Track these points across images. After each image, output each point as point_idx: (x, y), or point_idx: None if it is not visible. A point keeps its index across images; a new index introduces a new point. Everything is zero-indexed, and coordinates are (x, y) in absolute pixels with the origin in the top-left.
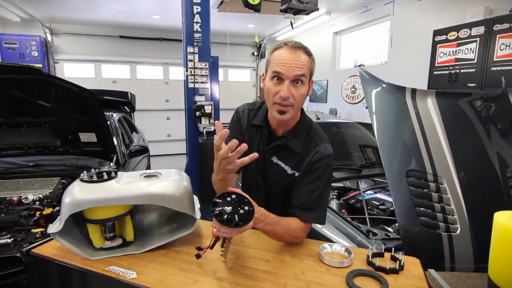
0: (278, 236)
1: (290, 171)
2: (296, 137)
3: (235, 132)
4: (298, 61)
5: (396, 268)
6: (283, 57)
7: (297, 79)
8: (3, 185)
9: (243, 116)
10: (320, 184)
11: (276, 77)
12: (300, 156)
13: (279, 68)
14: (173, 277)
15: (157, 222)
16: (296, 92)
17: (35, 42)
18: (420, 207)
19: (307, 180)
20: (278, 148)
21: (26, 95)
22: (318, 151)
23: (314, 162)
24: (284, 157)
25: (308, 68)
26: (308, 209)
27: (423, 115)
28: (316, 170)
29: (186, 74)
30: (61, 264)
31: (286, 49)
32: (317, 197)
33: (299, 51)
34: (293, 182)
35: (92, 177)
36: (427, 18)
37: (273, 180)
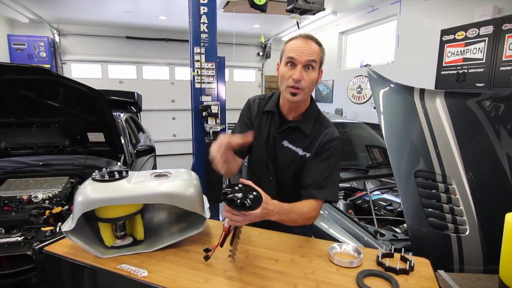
0: (293, 222)
1: (301, 153)
2: (307, 120)
3: (245, 119)
4: (310, 48)
5: (406, 269)
6: (296, 45)
7: (309, 64)
8: (13, 184)
9: (253, 105)
10: (331, 163)
11: (290, 63)
12: (310, 138)
13: (293, 54)
14: (183, 275)
15: (167, 221)
16: (307, 76)
17: (43, 43)
18: (428, 207)
19: (319, 159)
20: (290, 131)
21: (36, 95)
22: (328, 133)
23: (325, 143)
24: (295, 140)
25: (318, 56)
26: (321, 187)
27: (431, 115)
28: (327, 150)
29: (192, 74)
30: (73, 262)
31: (299, 38)
32: (329, 175)
33: (310, 41)
34: (305, 164)
35: (104, 177)
36: (434, 17)
37: (285, 163)
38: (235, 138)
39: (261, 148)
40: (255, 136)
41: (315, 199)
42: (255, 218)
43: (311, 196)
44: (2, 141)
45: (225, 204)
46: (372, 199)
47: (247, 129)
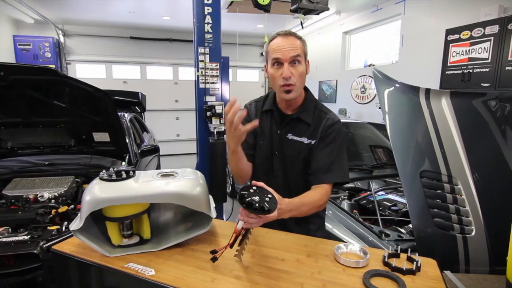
0: (305, 213)
1: (307, 141)
2: (306, 110)
3: (244, 124)
4: (291, 44)
5: (413, 269)
6: (278, 45)
7: (294, 60)
8: (19, 184)
9: (250, 108)
10: (336, 146)
11: (276, 63)
12: (313, 126)
13: (277, 54)
14: (191, 274)
15: (173, 220)
16: (295, 71)
17: (48, 43)
18: (434, 208)
19: (324, 144)
20: (292, 124)
21: (42, 95)
22: (329, 118)
23: (328, 128)
24: (299, 131)
25: (301, 49)
26: (330, 170)
27: (437, 115)
28: (330, 134)
29: (197, 74)
30: (81, 260)
31: (279, 38)
32: (336, 158)
33: (291, 37)
34: (311, 151)
35: (111, 176)
36: (439, 17)
37: (293, 155)
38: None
39: (265, 147)
40: (258, 136)
41: (324, 184)
42: (271, 219)
43: (321, 180)
44: (9, 141)
45: (243, 207)
46: (376, 200)
47: (250, 134)
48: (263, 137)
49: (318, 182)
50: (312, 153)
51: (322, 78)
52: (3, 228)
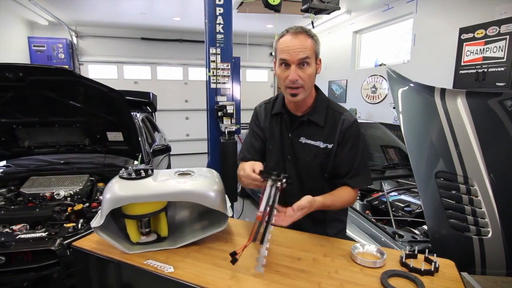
0: (336, 208)
1: (322, 145)
2: (317, 112)
3: (254, 128)
4: (301, 45)
5: (431, 270)
6: (286, 44)
7: (302, 62)
8: (36, 182)
9: (260, 111)
10: (358, 149)
11: (283, 63)
12: (327, 128)
13: (284, 55)
14: (208, 272)
15: (188, 219)
16: (303, 73)
17: (61, 44)
18: (449, 209)
19: (346, 149)
20: (303, 126)
21: (58, 95)
22: (345, 119)
23: (345, 131)
24: (312, 135)
25: (311, 49)
26: (356, 175)
27: (452, 115)
28: (350, 138)
29: (208, 74)
30: (101, 257)
31: (288, 35)
32: (360, 161)
33: (301, 35)
34: (328, 155)
35: (130, 175)
36: (452, 15)
37: (308, 160)
38: (257, 166)
39: (275, 151)
40: (268, 140)
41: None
42: (301, 214)
43: (348, 186)
44: (26, 140)
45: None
46: (389, 200)
47: (258, 138)
48: (273, 141)
49: (344, 186)
50: (331, 157)
51: (332, 77)
52: (22, 225)
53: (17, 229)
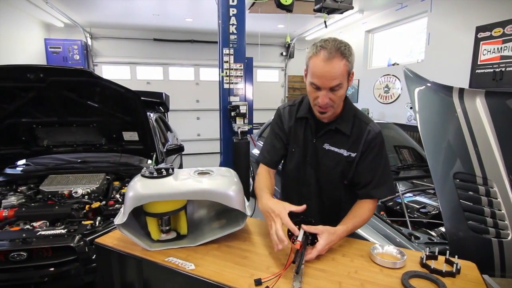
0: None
1: (346, 153)
2: (345, 121)
3: (277, 130)
4: (332, 72)
5: (453, 272)
6: (318, 70)
7: (334, 87)
8: (55, 180)
9: (284, 113)
10: (381, 159)
11: (314, 85)
12: (353, 138)
13: (315, 80)
14: (229, 270)
15: (206, 217)
16: (334, 96)
17: (76, 46)
18: (468, 211)
19: (369, 158)
20: (329, 134)
21: (77, 96)
22: (371, 130)
23: (371, 141)
24: (337, 142)
25: (343, 74)
26: (379, 185)
27: (471, 115)
28: (374, 148)
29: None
30: (123, 253)
31: (321, 59)
32: (383, 172)
33: (334, 60)
34: (350, 164)
35: (152, 173)
36: (469, 14)
37: (330, 166)
38: (289, 208)
39: (297, 154)
40: (290, 143)
41: (372, 199)
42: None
43: (370, 196)
44: (45, 139)
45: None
46: (404, 201)
47: (279, 140)
48: (296, 144)
49: (367, 197)
50: (353, 166)
51: None
52: (42, 221)
53: (38, 226)
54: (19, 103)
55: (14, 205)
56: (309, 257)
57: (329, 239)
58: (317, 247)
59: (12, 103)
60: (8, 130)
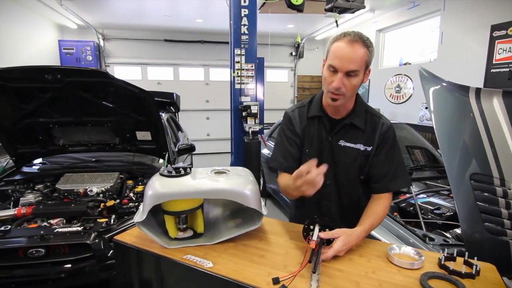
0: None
1: (362, 148)
2: (358, 116)
3: (288, 134)
4: (353, 55)
5: (472, 273)
6: (339, 51)
7: (350, 72)
8: (70, 178)
9: (293, 116)
10: (396, 152)
11: (331, 68)
12: (368, 132)
13: (334, 62)
14: (246, 268)
15: (221, 216)
16: (348, 83)
17: (89, 47)
18: (485, 212)
19: (384, 151)
20: (344, 130)
21: (92, 96)
22: (384, 123)
23: (385, 134)
24: (352, 138)
25: (362, 61)
26: (395, 178)
27: (488, 115)
28: (388, 140)
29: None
30: (142, 250)
31: (344, 42)
32: (398, 164)
33: (356, 45)
34: (368, 158)
35: (171, 173)
36: (483, 12)
37: (347, 162)
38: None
39: (313, 154)
40: (305, 144)
41: (386, 193)
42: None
43: (387, 189)
44: (61, 139)
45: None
46: (418, 202)
47: (293, 144)
48: (310, 144)
49: (384, 190)
50: (369, 160)
51: None
52: (59, 219)
53: (55, 223)
54: (37, 103)
55: (32, 202)
56: (325, 256)
57: (346, 240)
58: (333, 247)
59: (30, 103)
60: (26, 130)
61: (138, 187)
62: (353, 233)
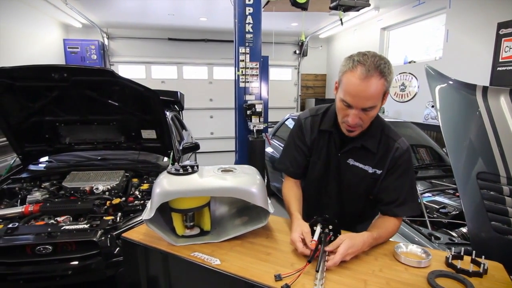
0: (381, 242)
1: (371, 170)
2: (372, 137)
3: (297, 141)
4: (368, 92)
5: (480, 272)
6: (352, 88)
7: (367, 108)
8: (76, 176)
9: (305, 124)
10: (407, 177)
11: (345, 103)
12: (379, 154)
13: (347, 98)
14: (254, 266)
15: (228, 214)
16: (365, 116)
17: (94, 46)
18: (491, 211)
19: (395, 176)
20: (354, 149)
21: (98, 95)
22: (399, 147)
23: (398, 158)
24: (362, 158)
25: (380, 94)
26: (402, 204)
27: (495, 114)
28: (401, 165)
29: (237, 74)
30: (150, 248)
31: (357, 77)
32: (408, 190)
33: (371, 79)
34: (376, 181)
35: (178, 171)
36: (490, 9)
37: (353, 181)
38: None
39: (319, 166)
40: (313, 154)
41: (395, 217)
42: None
43: (393, 214)
44: (67, 137)
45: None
46: (423, 201)
47: (300, 152)
48: (318, 156)
49: (389, 215)
50: (378, 183)
51: None
52: (66, 217)
53: (61, 221)
54: (44, 102)
55: (39, 200)
56: (332, 262)
57: (351, 242)
58: (339, 251)
59: (37, 102)
60: (33, 128)
61: (143, 185)
62: (357, 236)
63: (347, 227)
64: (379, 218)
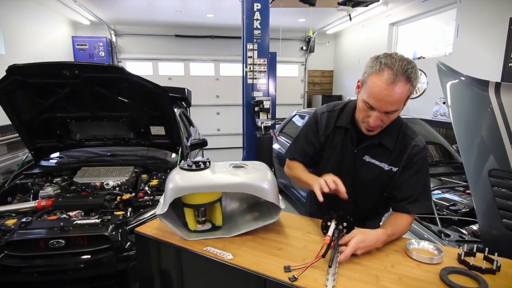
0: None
1: (387, 168)
2: (389, 135)
3: (310, 136)
4: (393, 97)
5: (493, 269)
6: (377, 91)
7: (389, 111)
8: (87, 172)
9: (321, 119)
10: (422, 175)
11: (367, 105)
12: (396, 152)
13: (371, 101)
14: (265, 260)
15: (238, 210)
16: (386, 118)
17: (102, 43)
18: (503, 209)
19: (410, 173)
20: (371, 146)
21: (108, 91)
22: (416, 145)
23: (414, 156)
24: (378, 155)
25: (402, 100)
26: (416, 201)
27: (508, 111)
28: (416, 163)
29: (245, 70)
30: (163, 242)
31: (384, 81)
32: (422, 187)
33: (398, 84)
34: (391, 178)
35: (191, 166)
36: (502, 4)
37: (368, 178)
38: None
39: (333, 162)
40: (326, 149)
41: (407, 213)
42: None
43: (406, 211)
44: (78, 133)
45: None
46: (433, 198)
47: (311, 145)
48: (332, 151)
49: (402, 211)
50: (393, 180)
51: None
52: (77, 211)
53: (73, 215)
54: (55, 99)
55: (51, 195)
56: (343, 256)
57: (363, 237)
58: (350, 244)
59: (48, 98)
60: (44, 124)
61: (152, 181)
62: (370, 232)
63: (359, 224)
64: (391, 215)
